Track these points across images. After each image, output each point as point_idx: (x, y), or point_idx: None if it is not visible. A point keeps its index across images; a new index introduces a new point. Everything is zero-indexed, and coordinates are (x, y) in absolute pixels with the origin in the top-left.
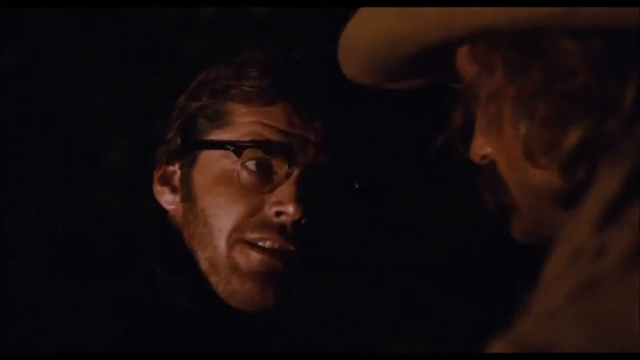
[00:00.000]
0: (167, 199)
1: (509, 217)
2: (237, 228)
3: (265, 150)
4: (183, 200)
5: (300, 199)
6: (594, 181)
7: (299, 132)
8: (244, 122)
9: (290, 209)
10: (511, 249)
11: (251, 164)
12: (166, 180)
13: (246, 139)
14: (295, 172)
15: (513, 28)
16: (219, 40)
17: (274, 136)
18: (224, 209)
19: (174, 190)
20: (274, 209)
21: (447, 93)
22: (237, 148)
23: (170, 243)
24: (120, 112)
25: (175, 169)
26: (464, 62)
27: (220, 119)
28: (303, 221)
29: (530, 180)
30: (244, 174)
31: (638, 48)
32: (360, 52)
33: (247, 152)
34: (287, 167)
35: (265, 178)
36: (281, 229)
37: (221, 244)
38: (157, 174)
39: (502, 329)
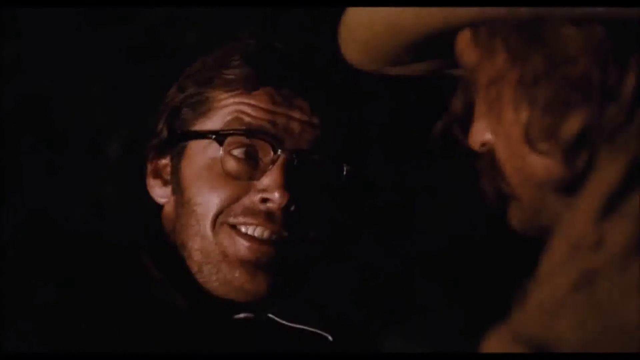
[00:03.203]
0: (159, 192)
1: (507, 206)
2: (221, 212)
3: (249, 136)
4: (173, 192)
5: (286, 186)
6: (593, 171)
7: (282, 111)
8: (227, 107)
9: (276, 195)
10: (509, 239)
11: (237, 152)
12: (157, 174)
13: (229, 122)
14: (281, 157)
15: (514, 16)
16: (217, 33)
17: (257, 117)
18: (208, 195)
19: (165, 183)
20: (260, 196)
21: (446, 79)
22: (219, 136)
23: (164, 241)
24: (118, 108)
25: (166, 161)
26: (465, 47)
27: (203, 107)
28: (292, 207)
29: (530, 167)
30: (230, 162)
31: (639, 36)
32: (361, 37)
33: (231, 140)
34: (272, 152)
35: (251, 165)
36: (268, 215)
37: (207, 230)
38: (149, 168)
39: (500, 320)
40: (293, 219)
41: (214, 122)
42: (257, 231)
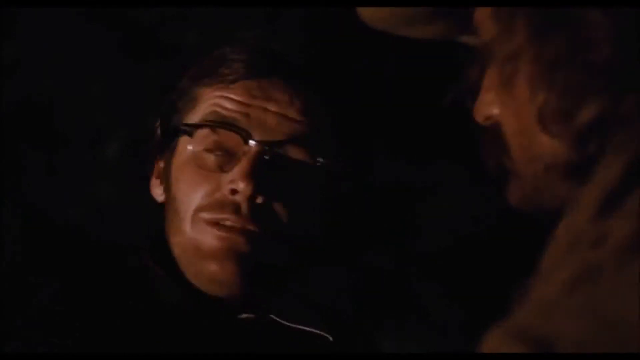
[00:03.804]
0: (157, 191)
1: (507, 181)
2: (198, 209)
3: (219, 128)
4: (164, 190)
5: (254, 176)
6: (595, 167)
7: (257, 104)
8: (207, 100)
9: (241, 185)
10: (509, 237)
11: (209, 145)
12: (158, 172)
13: (206, 116)
14: (252, 149)
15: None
16: (217, 33)
17: (232, 109)
18: (187, 192)
19: (162, 181)
20: (228, 187)
21: (447, 73)
22: (190, 128)
23: (164, 240)
24: (118, 108)
25: (162, 159)
26: (485, 19)
27: (191, 103)
28: (260, 199)
29: (537, 146)
30: (202, 155)
31: None
32: None
33: (204, 133)
34: (243, 145)
35: (224, 158)
36: (236, 208)
37: (186, 226)
38: (155, 168)
39: (500, 318)
40: (263, 212)
41: (196, 117)
42: (227, 222)
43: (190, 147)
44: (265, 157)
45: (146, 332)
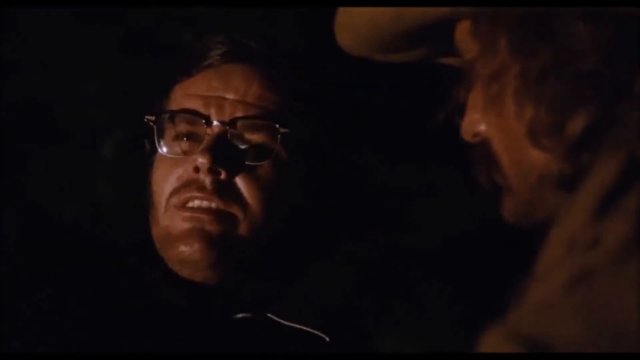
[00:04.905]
0: None
1: (501, 197)
2: (169, 195)
3: (182, 118)
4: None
5: (212, 151)
6: (590, 169)
7: (215, 94)
8: (175, 99)
9: (200, 160)
10: (506, 237)
11: (178, 135)
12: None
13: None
14: (213, 130)
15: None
16: (214, 33)
17: (192, 103)
18: (160, 182)
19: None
20: (193, 165)
21: (443, 70)
22: (157, 118)
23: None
24: (118, 107)
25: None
26: (465, 38)
27: (165, 104)
28: (222, 175)
29: (529, 161)
30: (172, 145)
31: None
32: (360, 23)
33: (172, 126)
34: (205, 128)
35: (190, 145)
36: (200, 185)
37: (160, 216)
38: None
39: (496, 319)
40: (227, 188)
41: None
42: (195, 203)
43: (160, 140)
44: (225, 135)
45: (144, 331)
